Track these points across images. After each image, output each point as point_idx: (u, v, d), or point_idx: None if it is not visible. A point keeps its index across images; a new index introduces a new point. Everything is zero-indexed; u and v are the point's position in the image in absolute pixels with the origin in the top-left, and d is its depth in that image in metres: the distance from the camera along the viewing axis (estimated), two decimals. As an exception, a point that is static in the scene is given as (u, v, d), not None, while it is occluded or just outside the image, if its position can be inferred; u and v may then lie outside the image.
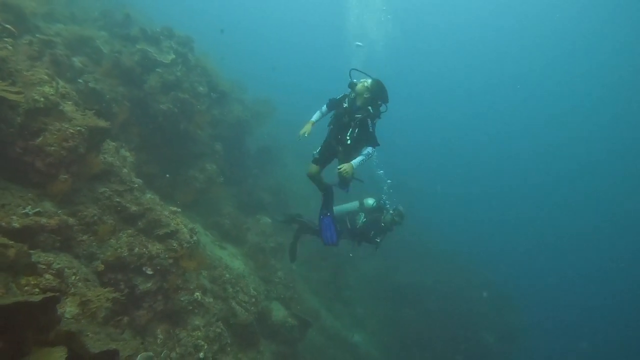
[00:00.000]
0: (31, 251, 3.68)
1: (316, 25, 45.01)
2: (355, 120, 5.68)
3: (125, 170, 5.79)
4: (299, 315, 8.81)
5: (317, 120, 6.11)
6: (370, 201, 7.41)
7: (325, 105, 6.13)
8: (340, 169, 5.63)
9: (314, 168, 6.22)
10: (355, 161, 5.63)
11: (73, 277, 4.03)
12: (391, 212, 7.24)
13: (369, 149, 5.69)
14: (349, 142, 5.76)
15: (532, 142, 44.16)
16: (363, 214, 7.43)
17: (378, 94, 5.68)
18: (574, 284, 25.23)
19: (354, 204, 7.54)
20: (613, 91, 39.80)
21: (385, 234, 7.25)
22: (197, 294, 5.64)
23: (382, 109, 5.81)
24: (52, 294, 2.98)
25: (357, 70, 5.81)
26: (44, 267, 3.80)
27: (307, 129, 5.96)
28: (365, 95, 5.65)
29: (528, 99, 46.12)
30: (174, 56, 8.89)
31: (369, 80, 5.70)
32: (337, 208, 7.25)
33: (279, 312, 8.44)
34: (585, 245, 31.71)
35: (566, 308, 22.50)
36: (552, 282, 24.23)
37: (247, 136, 12.28)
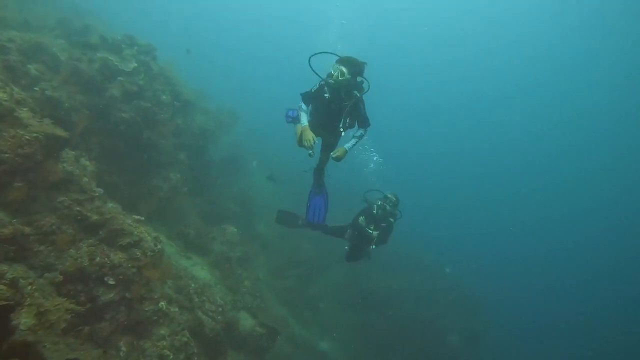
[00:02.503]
0: (-17, 261, 3.55)
1: (278, 34, 45.17)
2: (344, 108, 5.23)
3: (85, 179, 5.65)
4: (266, 324, 8.76)
5: (310, 122, 5.42)
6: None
7: (302, 103, 5.53)
8: (335, 155, 5.31)
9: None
10: (349, 145, 5.39)
11: (29, 288, 3.89)
12: (379, 200, 7.24)
13: (361, 132, 5.44)
14: (342, 132, 5.32)
15: (500, 146, 45.18)
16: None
17: (356, 72, 5.14)
18: (540, 288, 25.88)
19: None
20: (597, 99, 41.24)
21: (379, 224, 7.11)
22: (162, 304, 5.53)
23: (364, 85, 5.33)
24: (4, 303, 2.89)
25: (319, 53, 5.14)
26: (-3, 277, 3.66)
27: (310, 135, 5.16)
28: (344, 82, 5.11)
29: (505, 105, 47.08)
30: (136, 64, 8.76)
31: (343, 68, 5.05)
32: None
33: (246, 322, 8.37)
34: (554, 249, 32.46)
35: (531, 311, 23.11)
36: (517, 285, 24.81)
37: (212, 145, 12.19)
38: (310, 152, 5.25)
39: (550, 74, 43.14)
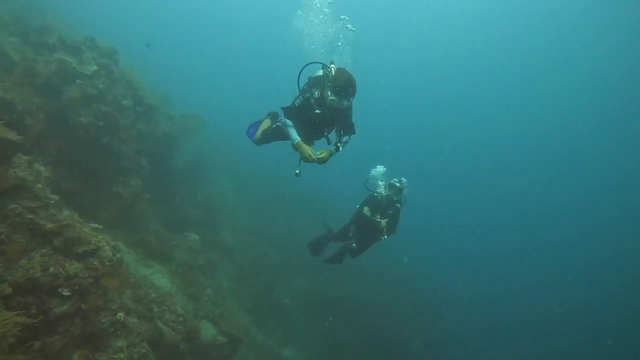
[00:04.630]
0: None
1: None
2: (335, 119, 4.98)
3: (39, 185, 5.43)
4: (229, 332, 8.67)
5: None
6: None
7: (284, 119, 5.11)
8: (320, 155, 4.88)
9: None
10: (333, 148, 5.03)
11: (-25, 301, 3.71)
12: (382, 187, 6.88)
13: (346, 138, 5.15)
14: (340, 148, 5.06)
15: (476, 143, 45.24)
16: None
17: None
18: (502, 291, 26.27)
19: None
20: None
21: (385, 211, 6.66)
22: (120, 315, 5.39)
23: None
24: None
25: (313, 62, 4.97)
26: (-60, 290, 3.48)
27: (309, 150, 4.87)
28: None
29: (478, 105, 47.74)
30: (96, 67, 8.53)
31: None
32: None
33: (208, 331, 8.25)
34: (516, 253, 32.95)
35: (495, 312, 23.54)
36: (480, 288, 25.22)
37: (175, 151, 11.98)
38: (298, 171, 5.00)
39: (531, 78, 44.24)
